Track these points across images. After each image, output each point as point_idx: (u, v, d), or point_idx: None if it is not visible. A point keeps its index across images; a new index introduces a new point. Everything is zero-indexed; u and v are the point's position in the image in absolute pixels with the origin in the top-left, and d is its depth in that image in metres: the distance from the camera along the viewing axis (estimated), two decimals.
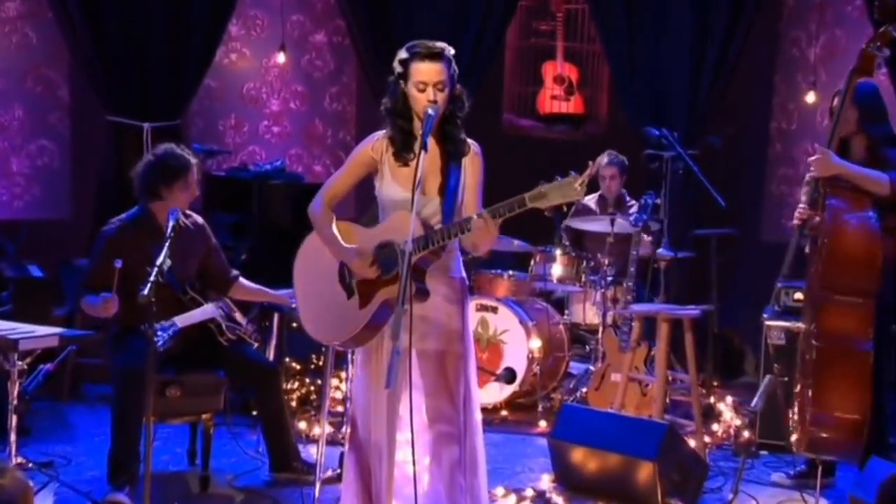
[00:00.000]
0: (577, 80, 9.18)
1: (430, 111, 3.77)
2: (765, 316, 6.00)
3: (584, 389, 6.58)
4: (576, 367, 7.26)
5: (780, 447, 5.67)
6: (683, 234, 6.98)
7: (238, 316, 5.20)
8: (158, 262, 4.24)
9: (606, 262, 6.62)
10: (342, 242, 3.94)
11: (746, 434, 6.17)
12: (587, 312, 6.91)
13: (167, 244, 4.35)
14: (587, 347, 7.25)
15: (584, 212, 7.27)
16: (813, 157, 4.78)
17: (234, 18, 7.92)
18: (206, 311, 4.99)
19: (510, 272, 7.04)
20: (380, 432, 3.90)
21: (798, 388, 4.89)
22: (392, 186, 3.91)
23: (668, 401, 6.05)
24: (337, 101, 8.73)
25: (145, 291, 4.08)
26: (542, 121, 9.15)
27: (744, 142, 7.82)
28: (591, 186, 7.20)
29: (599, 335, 6.63)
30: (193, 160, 5.02)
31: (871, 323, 4.72)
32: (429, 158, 3.78)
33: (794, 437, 4.88)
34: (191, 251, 5.09)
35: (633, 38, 7.95)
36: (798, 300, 5.97)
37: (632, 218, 6.16)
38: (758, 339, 7.86)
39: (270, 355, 5.66)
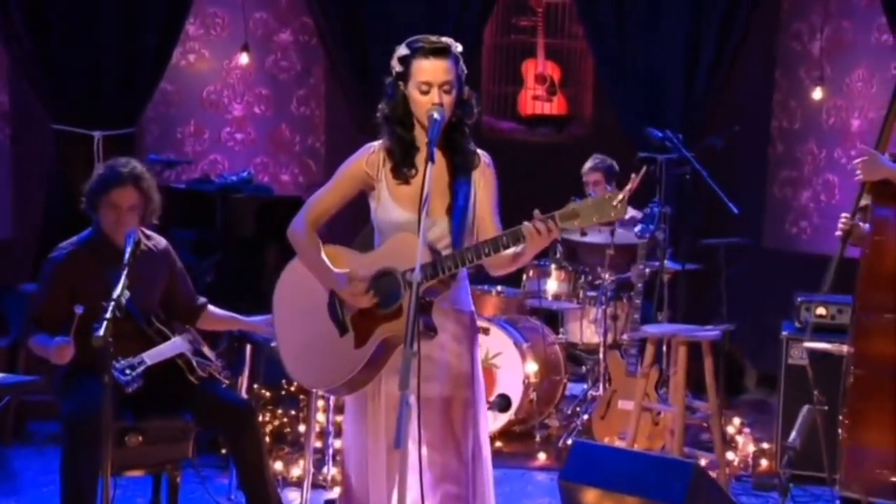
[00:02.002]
0: (560, 79, 8.66)
1: (436, 115, 3.25)
2: (784, 333, 5.52)
3: (586, 417, 6.04)
4: (570, 387, 6.71)
5: (805, 478, 5.18)
6: (687, 243, 6.45)
7: (206, 350, 4.60)
8: (115, 294, 3.69)
9: (607, 276, 6.09)
10: (331, 269, 3.35)
11: (765, 463, 5.68)
12: (585, 331, 6.36)
13: (125, 272, 3.78)
14: (584, 368, 6.71)
15: None
16: (858, 160, 4.26)
17: (191, 16, 7.43)
18: (175, 344, 4.40)
19: (499, 288, 6.49)
20: (380, 495, 3.36)
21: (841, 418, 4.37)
22: (391, 207, 3.38)
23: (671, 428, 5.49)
24: (305, 105, 8.17)
25: (101, 332, 3.51)
26: (524, 123, 8.62)
27: (741, 142, 7.32)
28: (581, 194, 6.82)
29: (601, 356, 6.10)
30: (128, 178, 4.36)
31: None
32: (433, 174, 3.23)
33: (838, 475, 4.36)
34: (153, 277, 4.50)
35: (622, 32, 7.44)
36: (820, 315, 5.48)
37: (637, 229, 5.61)
38: (760, 353, 7.44)
39: (242, 391, 5.07)
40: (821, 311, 5.49)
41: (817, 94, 7.07)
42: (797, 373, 5.44)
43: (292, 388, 6.71)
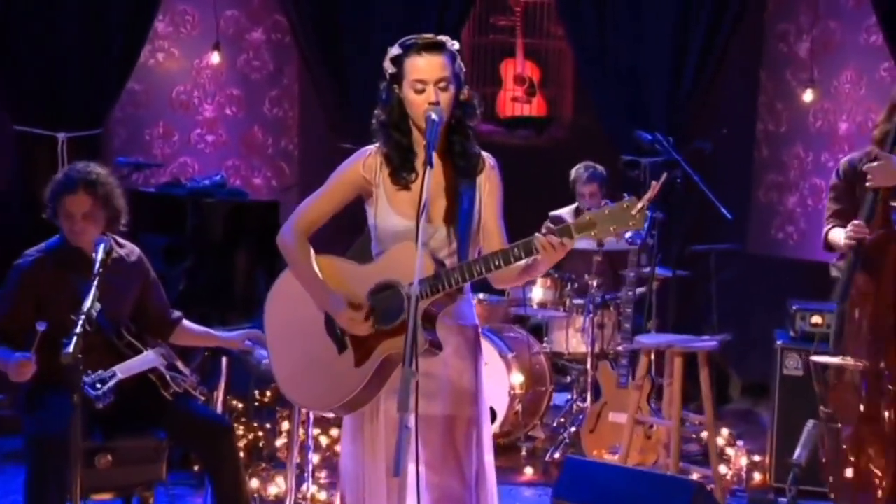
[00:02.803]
0: (539, 80, 8.46)
1: (434, 115, 3.05)
2: (779, 343, 5.35)
3: (573, 429, 5.84)
4: (553, 397, 6.51)
5: (806, 493, 4.96)
6: (676, 250, 6.26)
7: (180, 365, 4.36)
8: (85, 307, 3.47)
9: (595, 283, 5.88)
10: (326, 286, 3.14)
11: (758, 477, 5.50)
12: (571, 340, 6.15)
13: (95, 283, 3.55)
14: (568, 378, 6.50)
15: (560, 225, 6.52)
16: (872, 164, 4.08)
17: (160, 14, 7.17)
18: (148, 359, 4.16)
19: (482, 296, 6.27)
20: None
21: (846, 437, 4.18)
22: (389, 214, 3.18)
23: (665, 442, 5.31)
24: (277, 106, 7.94)
25: (70, 349, 3.28)
26: (502, 124, 8.42)
27: (725, 145, 7.14)
28: (571, 197, 6.63)
29: (588, 366, 5.90)
30: (80, 183, 4.11)
31: None
32: (433, 179, 3.07)
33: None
34: (125, 288, 4.26)
35: (603, 32, 7.26)
36: (816, 324, 5.31)
37: (628, 235, 5.40)
38: (744, 361, 7.29)
39: (218, 406, 4.82)
40: (816, 319, 5.33)
41: (808, 96, 6.91)
42: (792, 383, 5.28)
43: (265, 399, 6.48)
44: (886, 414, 3.97)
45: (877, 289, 4.06)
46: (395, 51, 3.16)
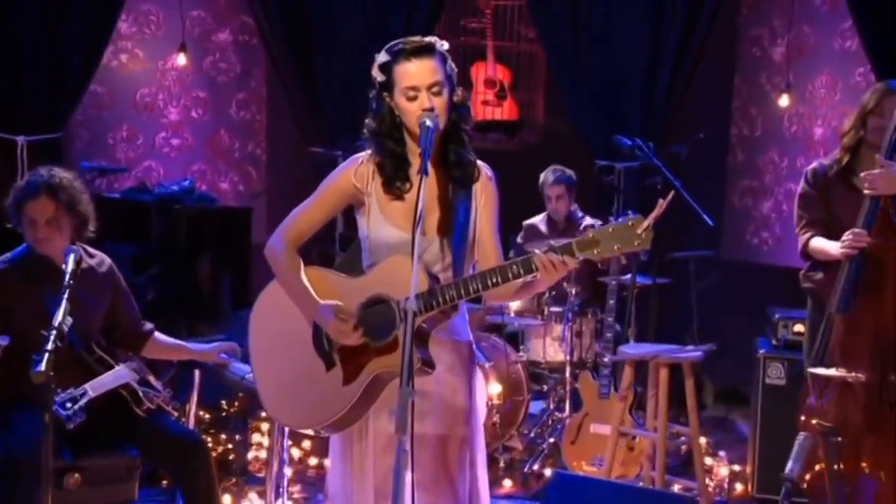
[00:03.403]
0: (510, 84, 8.34)
1: (428, 122, 2.93)
2: (761, 352, 5.28)
3: (552, 440, 5.73)
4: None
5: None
6: (655, 257, 6.16)
7: (152, 379, 4.20)
8: (56, 321, 3.29)
9: (574, 291, 5.78)
10: (314, 297, 2.99)
11: (740, 487, 5.42)
12: (548, 349, 6.04)
13: (66, 295, 3.37)
14: (544, 387, 6.39)
15: (533, 234, 6.44)
16: (873, 172, 3.99)
17: (123, 14, 6.95)
18: (120, 374, 3.99)
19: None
20: None
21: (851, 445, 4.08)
22: (382, 225, 3.05)
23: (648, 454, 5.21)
24: (245, 109, 7.78)
25: (41, 366, 3.10)
26: (473, 128, 8.23)
27: (699, 150, 7.06)
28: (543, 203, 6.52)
29: (567, 375, 5.78)
30: (42, 188, 3.95)
31: None
32: (428, 189, 2.95)
33: None
34: (95, 300, 4.11)
35: (577, 35, 7.15)
36: (798, 333, 5.24)
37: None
38: (717, 368, 7.22)
39: (190, 420, 4.65)
40: (799, 328, 5.26)
41: (783, 100, 6.85)
42: (775, 393, 5.21)
43: (233, 410, 6.32)
44: (892, 429, 3.87)
45: (880, 299, 3.98)
46: (382, 58, 3.03)
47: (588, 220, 6.54)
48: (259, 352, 3.16)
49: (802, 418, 4.21)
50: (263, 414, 6.05)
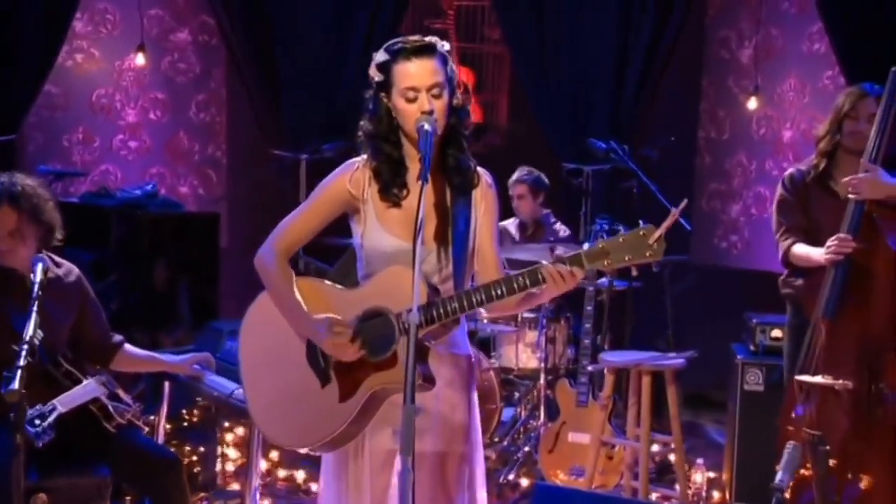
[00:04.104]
0: (474, 86, 8.23)
1: (427, 126, 2.79)
2: (739, 358, 5.21)
3: (527, 449, 5.62)
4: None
5: None
6: None
7: (122, 393, 4.02)
8: (27, 335, 3.14)
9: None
10: (306, 312, 2.86)
11: (717, 495, 5.36)
12: (521, 355, 5.93)
13: (35, 308, 3.20)
14: (515, 394, 6.28)
15: (504, 237, 6.32)
16: (858, 177, 3.93)
17: (78, 12, 6.75)
18: (89, 389, 3.81)
19: None
20: None
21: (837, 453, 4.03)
22: (379, 234, 2.91)
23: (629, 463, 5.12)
24: (204, 111, 7.59)
25: (14, 384, 2.96)
26: None
27: (667, 153, 7.01)
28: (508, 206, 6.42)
29: (541, 382, 5.68)
30: (2, 196, 3.76)
31: None
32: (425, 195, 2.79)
33: None
34: (63, 311, 3.91)
35: (543, 37, 7.07)
36: (776, 338, 5.18)
37: (586, 246, 5.20)
38: (682, 372, 7.15)
39: (159, 437, 4.49)
40: (776, 333, 5.20)
41: (751, 103, 6.81)
42: (753, 399, 5.14)
43: (195, 420, 6.15)
44: (879, 437, 3.81)
45: (866, 304, 3.92)
46: (381, 56, 2.90)
47: (559, 227, 6.46)
48: (250, 367, 3.01)
49: (790, 427, 4.15)
50: (227, 424, 5.92)
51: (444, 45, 2.91)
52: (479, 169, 3.00)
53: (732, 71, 7.20)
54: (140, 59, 7.04)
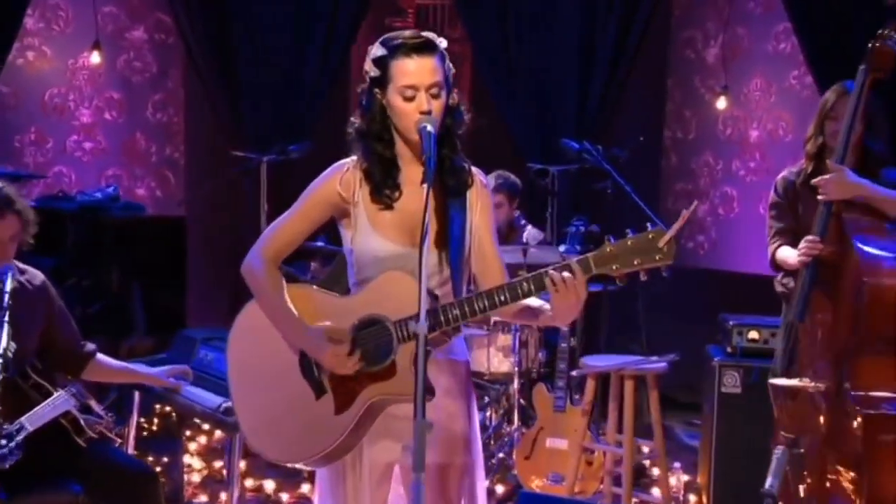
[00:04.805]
0: None
1: (429, 127, 2.68)
2: (716, 360, 5.15)
3: (501, 455, 5.52)
4: None
5: None
6: None
7: (93, 404, 3.85)
8: (1, 346, 2.93)
9: None
10: (301, 321, 2.73)
11: (694, 499, 5.30)
12: (492, 359, 5.82)
13: (6, 319, 3.05)
14: (485, 398, 6.18)
15: None
16: (825, 177, 3.89)
17: (29, 9, 6.54)
18: (59, 403, 3.64)
19: None
20: None
21: (810, 455, 3.99)
22: (371, 237, 2.79)
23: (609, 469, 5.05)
24: (161, 111, 7.39)
25: None
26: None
27: (633, 153, 6.96)
28: None
29: (514, 386, 5.58)
30: (6, 204, 3.61)
31: None
32: (419, 198, 2.69)
33: None
34: (29, 320, 3.71)
35: (507, 34, 6.99)
36: (753, 340, 5.14)
37: (562, 249, 5.13)
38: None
39: (129, 445, 4.33)
40: (753, 334, 5.16)
41: (721, 103, 6.77)
42: (730, 401, 5.08)
43: (155, 428, 6.00)
44: (852, 435, 3.77)
45: (835, 306, 3.88)
46: (377, 51, 2.79)
47: (530, 229, 6.37)
48: (239, 380, 2.87)
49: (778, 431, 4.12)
50: (189, 433, 5.76)
51: (443, 42, 2.81)
52: (474, 169, 2.89)
53: (698, 71, 7.16)
54: (95, 58, 6.84)
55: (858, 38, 5.64)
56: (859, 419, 3.72)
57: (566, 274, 2.62)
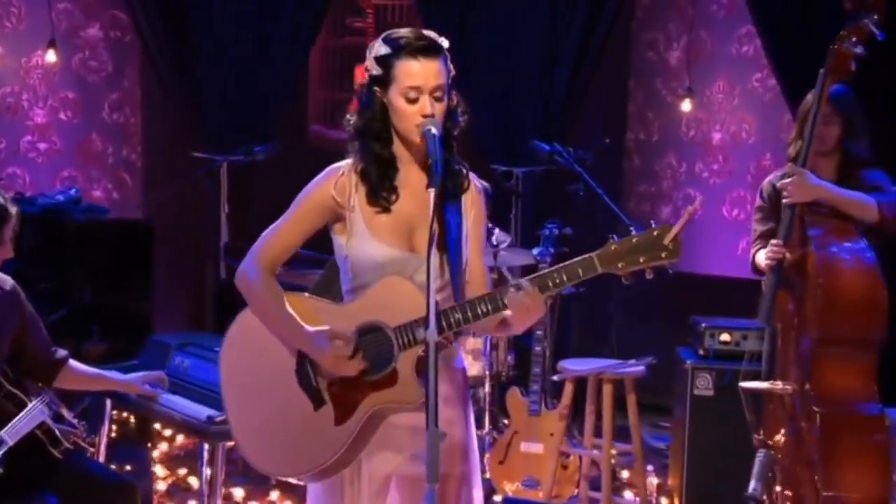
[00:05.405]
0: None
1: (434, 130, 2.64)
2: (689, 363, 5.15)
3: None
4: None
5: None
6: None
7: (65, 412, 3.73)
8: None
9: None
10: (300, 323, 2.67)
11: (665, 501, 5.30)
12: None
13: None
14: None
15: None
16: (787, 180, 3.91)
17: None
18: (35, 412, 3.52)
19: None
20: None
21: (782, 459, 4.01)
22: (368, 241, 2.72)
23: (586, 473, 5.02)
24: (118, 111, 7.20)
25: None
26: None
27: (596, 155, 6.94)
28: None
29: (486, 389, 5.53)
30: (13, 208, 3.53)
31: (875, 378, 3.91)
32: (416, 201, 2.70)
33: None
34: (1, 327, 3.59)
35: (468, 35, 6.93)
36: (724, 342, 5.15)
37: (536, 252, 5.10)
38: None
39: (100, 454, 4.21)
40: (725, 337, 5.16)
41: (686, 105, 6.77)
42: (703, 404, 5.07)
43: (113, 435, 5.84)
44: (810, 437, 3.80)
45: (797, 309, 3.91)
46: (381, 49, 2.71)
47: (497, 232, 6.32)
48: (233, 392, 2.78)
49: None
50: (150, 444, 5.63)
51: (445, 43, 2.75)
52: (471, 174, 2.84)
53: (661, 73, 7.16)
54: (51, 56, 6.65)
55: (823, 40, 5.70)
56: (818, 420, 3.76)
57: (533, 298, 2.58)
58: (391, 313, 2.62)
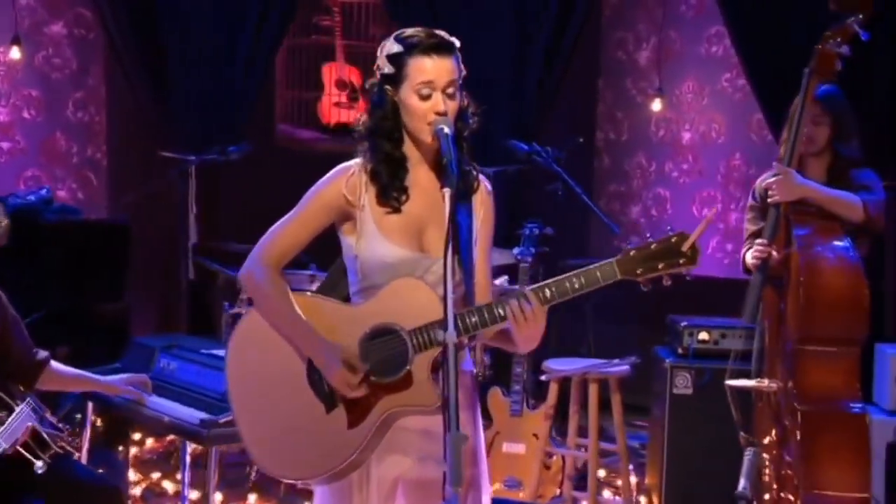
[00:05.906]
0: (361, 85, 8.00)
1: (446, 129, 2.60)
2: (668, 361, 5.16)
3: None
4: None
5: None
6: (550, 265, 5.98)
7: (49, 416, 3.65)
8: None
9: None
10: (315, 332, 2.62)
11: (644, 500, 5.30)
12: None
13: None
14: None
15: None
16: (771, 179, 3.93)
17: None
18: (24, 417, 3.45)
19: None
20: None
21: (771, 458, 4.03)
22: (379, 242, 2.67)
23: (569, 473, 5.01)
24: (82, 110, 7.06)
25: None
26: (328, 131, 7.87)
27: (568, 153, 6.94)
28: None
29: None
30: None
31: (858, 377, 3.94)
32: (426, 201, 2.67)
33: None
34: None
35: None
36: (703, 341, 5.17)
37: (516, 251, 5.08)
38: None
39: (82, 456, 4.13)
40: (703, 335, 5.17)
41: (656, 105, 6.81)
42: (682, 403, 5.08)
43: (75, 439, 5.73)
44: (793, 435, 3.83)
45: (781, 308, 3.94)
46: (393, 47, 2.66)
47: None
48: (241, 395, 2.71)
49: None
50: (122, 448, 5.53)
51: (457, 42, 2.72)
52: (480, 175, 2.80)
53: (630, 72, 7.20)
54: (15, 53, 6.50)
55: (793, 40, 5.75)
56: (799, 417, 3.79)
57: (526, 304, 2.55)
58: (405, 315, 2.57)
